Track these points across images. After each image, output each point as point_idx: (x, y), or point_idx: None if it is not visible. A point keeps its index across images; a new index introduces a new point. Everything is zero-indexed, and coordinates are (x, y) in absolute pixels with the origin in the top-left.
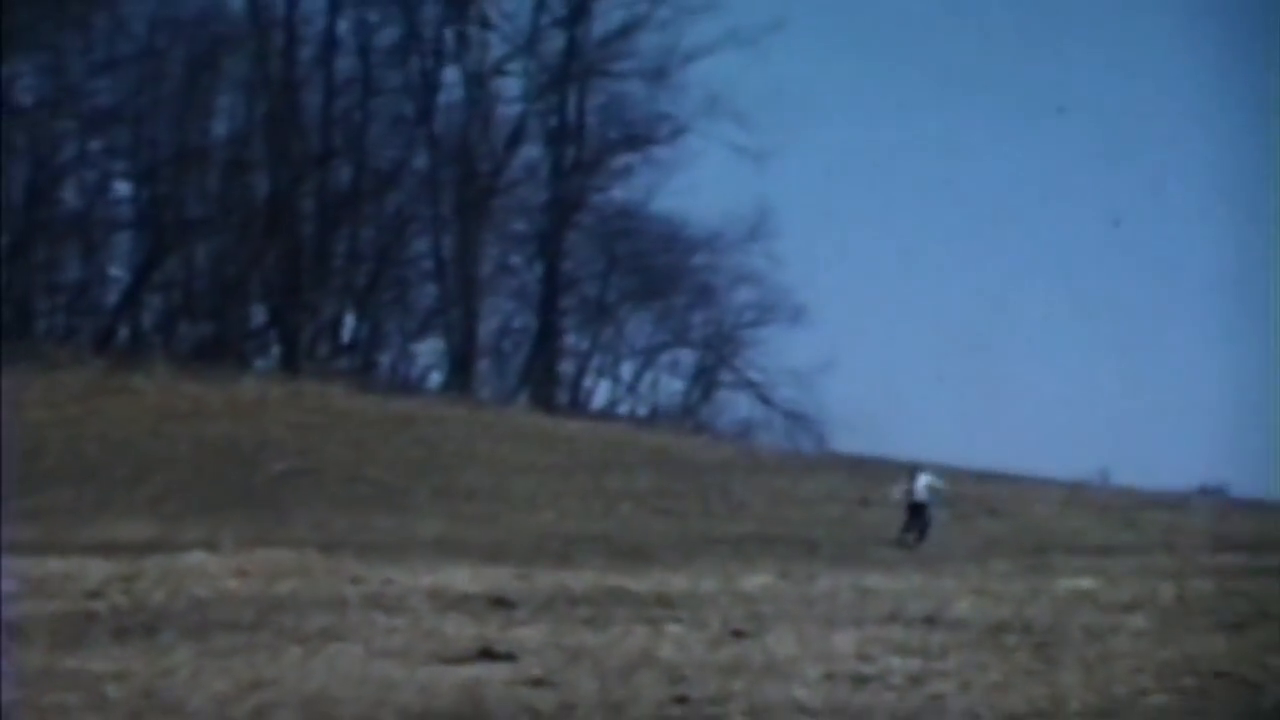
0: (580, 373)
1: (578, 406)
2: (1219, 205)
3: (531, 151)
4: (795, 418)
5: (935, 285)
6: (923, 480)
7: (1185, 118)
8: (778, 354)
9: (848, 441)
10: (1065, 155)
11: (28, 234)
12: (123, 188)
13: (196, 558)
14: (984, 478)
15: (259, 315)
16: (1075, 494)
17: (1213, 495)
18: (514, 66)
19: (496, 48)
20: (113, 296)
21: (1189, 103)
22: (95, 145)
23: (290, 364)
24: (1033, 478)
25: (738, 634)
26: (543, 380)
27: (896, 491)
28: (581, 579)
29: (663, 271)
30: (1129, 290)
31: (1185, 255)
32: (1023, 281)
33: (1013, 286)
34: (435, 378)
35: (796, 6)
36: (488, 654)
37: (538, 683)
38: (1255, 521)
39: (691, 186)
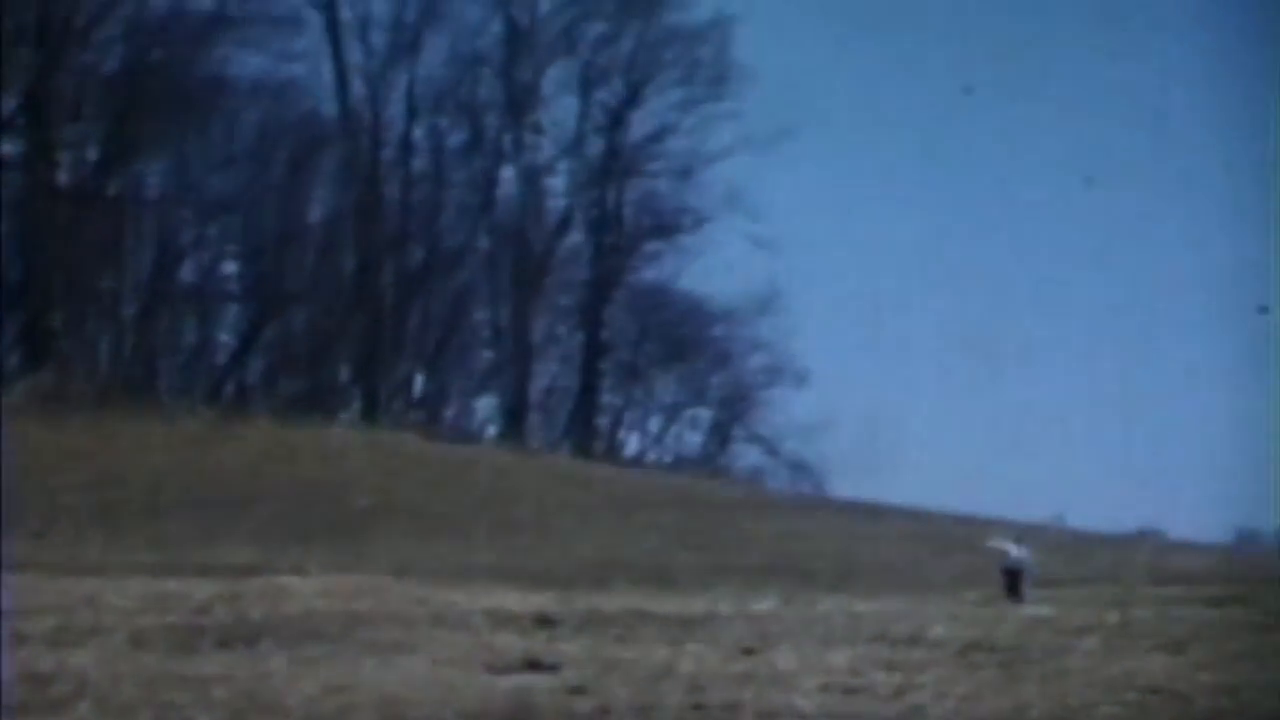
0: (615, 426)
1: (612, 455)
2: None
3: (576, 237)
4: (798, 466)
5: (915, 357)
6: (1014, 547)
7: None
8: (784, 412)
9: (841, 487)
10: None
11: (153, 304)
12: (232, 266)
13: (289, 580)
14: (959, 519)
15: (345, 374)
16: (1034, 533)
17: (1151, 536)
18: (562, 166)
19: (547, 150)
20: (222, 358)
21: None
22: (210, 230)
23: (370, 415)
24: (1000, 519)
25: (747, 651)
26: (583, 432)
27: (1005, 548)
28: (614, 601)
29: (686, 340)
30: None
31: (1134, 316)
32: (987, 356)
33: (978, 360)
34: (491, 429)
35: (804, 116)
36: (534, 665)
37: (576, 690)
38: (1188, 558)
39: (711, 268)
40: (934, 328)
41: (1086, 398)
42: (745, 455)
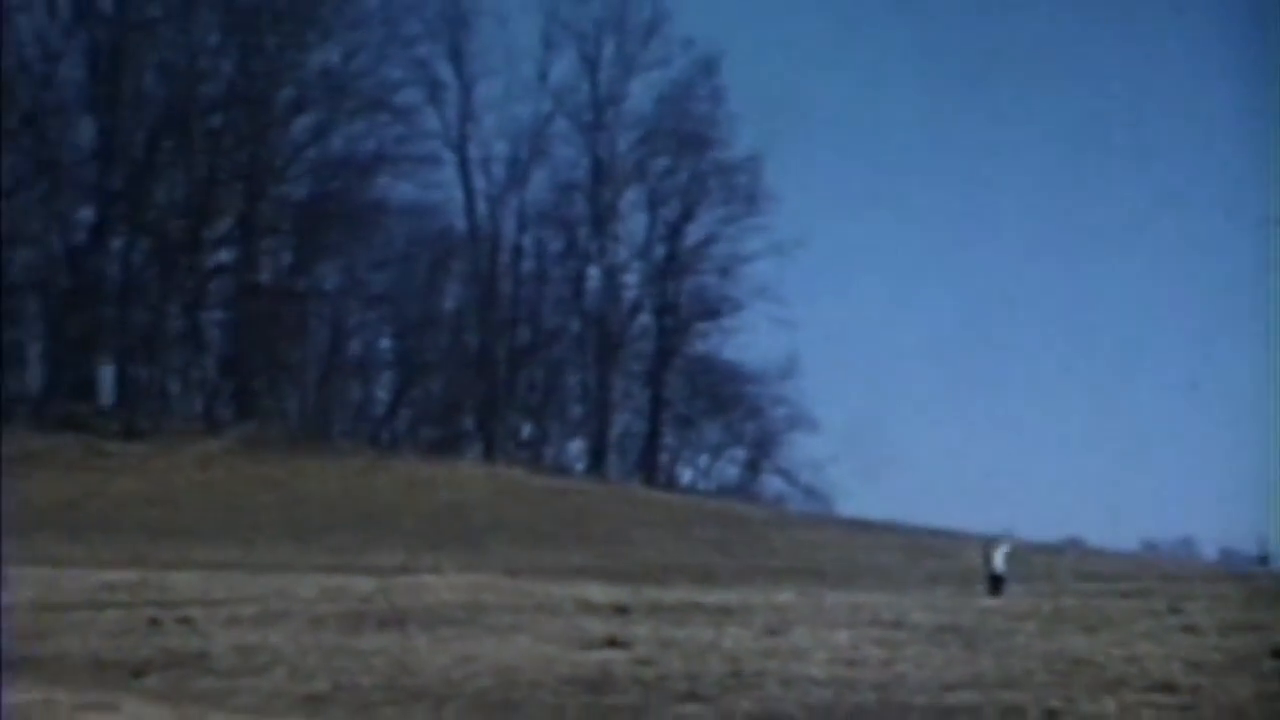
0: (673, 462)
1: (671, 484)
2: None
3: (645, 320)
4: (811, 492)
5: (896, 411)
6: (998, 555)
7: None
8: (800, 451)
9: (845, 507)
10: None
11: (328, 372)
12: (386, 343)
13: (429, 577)
14: (932, 532)
15: (470, 423)
16: (990, 544)
17: (1076, 544)
18: (634, 266)
19: (623, 254)
20: (379, 411)
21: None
22: (370, 316)
23: (488, 455)
24: (961, 532)
25: (772, 632)
26: (649, 467)
27: (996, 560)
28: (672, 594)
29: (727, 397)
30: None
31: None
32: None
33: (945, 406)
34: (580, 465)
35: (816, 227)
36: (612, 643)
37: (644, 662)
38: (1103, 561)
39: (746, 343)
40: (918, 392)
41: (1034, 434)
42: (771, 484)
